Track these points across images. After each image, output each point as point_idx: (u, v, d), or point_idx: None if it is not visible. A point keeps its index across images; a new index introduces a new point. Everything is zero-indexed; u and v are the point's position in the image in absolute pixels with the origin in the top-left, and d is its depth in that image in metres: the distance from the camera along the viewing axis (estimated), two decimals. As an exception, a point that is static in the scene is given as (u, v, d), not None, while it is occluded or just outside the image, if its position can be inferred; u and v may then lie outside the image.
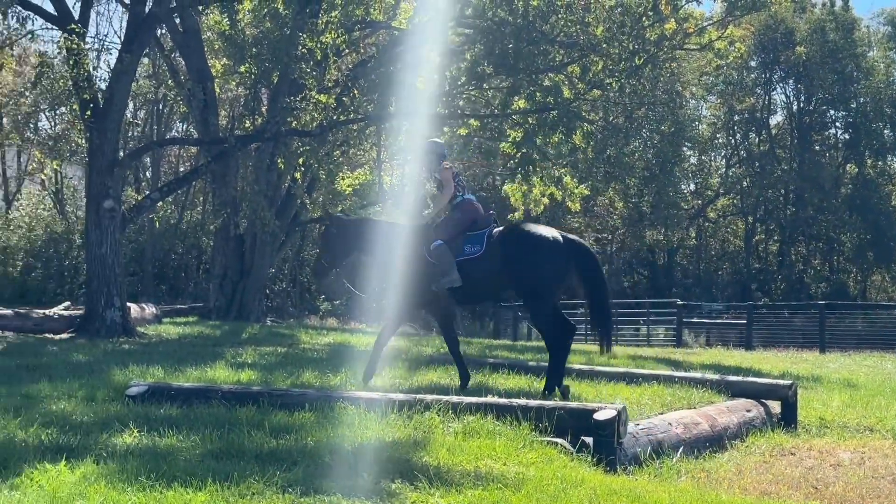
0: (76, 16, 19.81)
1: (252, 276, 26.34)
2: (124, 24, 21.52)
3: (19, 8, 18.60)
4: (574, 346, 13.47)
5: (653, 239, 55.16)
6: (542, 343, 13.02)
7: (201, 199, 42.69)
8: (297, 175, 23.22)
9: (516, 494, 6.40)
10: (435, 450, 7.46)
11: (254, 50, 19.71)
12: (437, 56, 20.82)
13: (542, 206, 26.09)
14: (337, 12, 20.49)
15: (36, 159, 37.69)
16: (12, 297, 34.43)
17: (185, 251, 42.32)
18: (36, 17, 19.88)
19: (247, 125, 22.16)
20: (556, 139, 20.13)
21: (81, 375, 11.39)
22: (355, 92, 19.44)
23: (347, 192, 24.50)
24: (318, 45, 19.34)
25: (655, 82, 23.39)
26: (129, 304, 22.31)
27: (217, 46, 25.75)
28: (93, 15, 27.14)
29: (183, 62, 27.30)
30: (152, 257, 39.43)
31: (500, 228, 11.39)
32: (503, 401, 8.90)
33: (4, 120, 39.89)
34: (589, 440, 8.17)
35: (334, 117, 19.64)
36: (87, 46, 18.90)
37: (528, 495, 6.39)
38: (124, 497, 5.74)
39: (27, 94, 36.33)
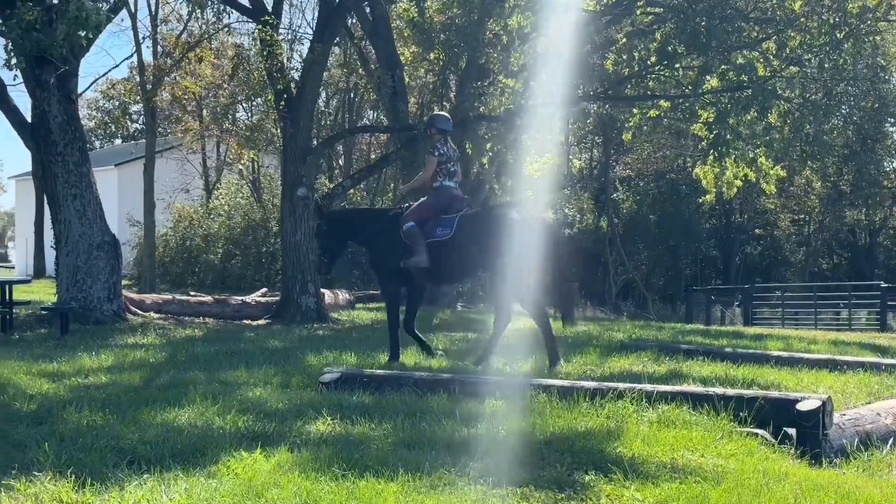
0: (269, 8, 20.23)
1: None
2: (316, 15, 21.78)
3: (216, 2, 19.06)
4: (770, 331, 13.07)
5: (853, 219, 53.13)
6: (738, 328, 12.78)
7: (391, 185, 43.17)
8: (485, 160, 23.15)
9: (716, 489, 6.13)
10: (629, 440, 7.24)
11: (441, 36, 19.73)
12: (625, 37, 20.44)
13: (734, 189, 25.43)
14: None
15: (234, 150, 38.78)
16: (214, 284, 35.65)
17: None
18: (232, 10, 20.37)
19: (435, 111, 22.19)
20: (750, 119, 19.49)
21: (277, 362, 11.58)
22: (543, 76, 19.21)
23: (536, 177, 24.26)
24: (505, 29, 19.21)
25: (857, 57, 22.30)
26: (323, 290, 22.72)
27: (406, 34, 25.91)
28: (286, 6, 27.61)
29: (372, 50, 27.55)
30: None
31: (472, 211, 11.91)
32: (699, 389, 8.62)
33: (204, 112, 41.18)
34: (792, 432, 7.82)
35: (522, 101, 19.51)
36: (280, 37, 19.21)
37: (729, 490, 6.10)
38: (317, 487, 5.73)
39: (225, 86, 37.36)
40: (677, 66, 20.03)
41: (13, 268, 64.46)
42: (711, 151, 21.41)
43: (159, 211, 36.44)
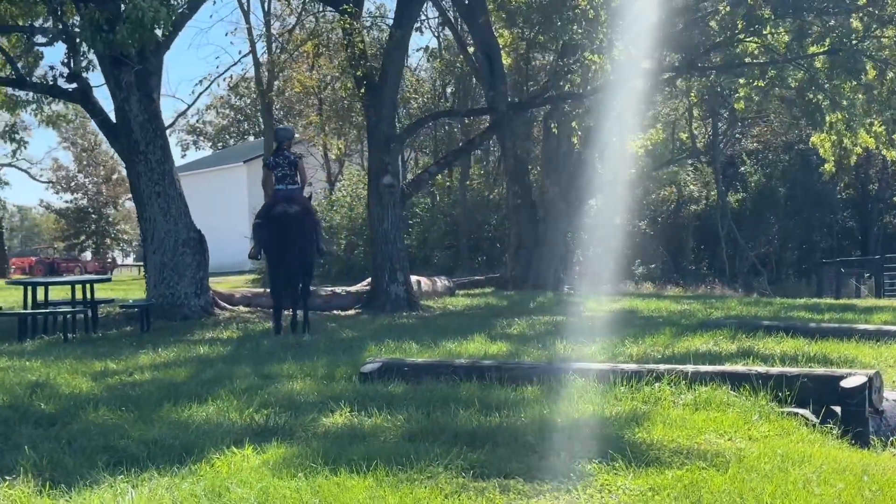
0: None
1: (546, 244, 26.12)
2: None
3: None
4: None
5: None
6: (860, 302, 12.47)
7: (481, 170, 42.95)
8: (574, 139, 22.68)
9: (722, 475, 5.77)
10: (652, 425, 6.93)
11: (524, 14, 19.34)
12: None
13: (853, 158, 24.53)
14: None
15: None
16: (338, 275, 35.86)
17: (498, 222, 42.67)
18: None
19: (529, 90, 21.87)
20: (845, 83, 18.60)
21: (335, 353, 11.46)
22: (629, 50, 18.63)
23: (639, 154, 23.68)
24: (591, 4, 18.74)
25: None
26: (420, 277, 22.62)
27: (494, 15, 25.51)
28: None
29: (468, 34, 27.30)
30: (466, 230, 39.84)
31: None
32: (741, 368, 8.26)
33: (324, 105, 41.56)
34: (838, 410, 7.38)
35: (609, 77, 18.98)
36: (359, 25, 19.10)
37: (734, 476, 5.74)
38: (283, 483, 5.56)
39: (342, 78, 37.57)
40: (766, 32, 19.22)
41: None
42: (816, 117, 20.57)
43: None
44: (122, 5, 14.15)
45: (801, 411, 7.38)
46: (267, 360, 10.93)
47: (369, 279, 26.55)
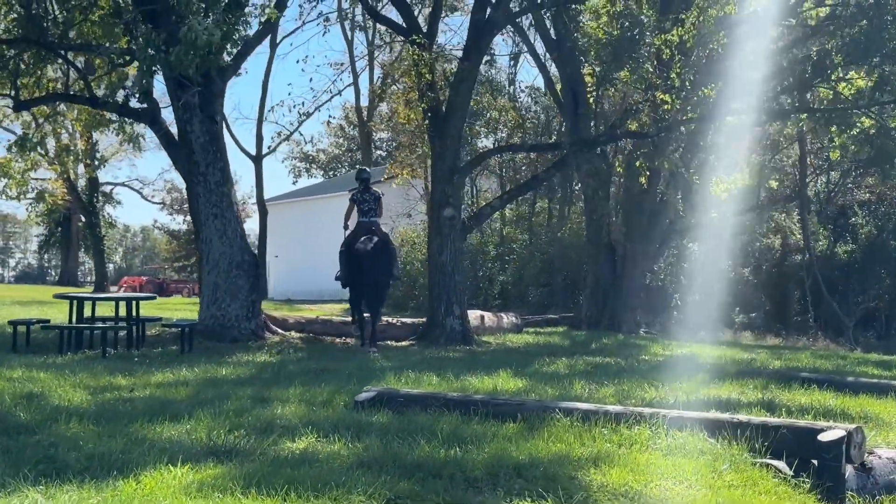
0: (424, 28, 20.27)
1: (623, 285, 25.81)
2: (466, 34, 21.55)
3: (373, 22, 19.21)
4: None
5: None
6: None
7: (547, 205, 42.69)
8: (643, 179, 22.34)
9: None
10: (611, 468, 6.77)
11: (594, 51, 19.22)
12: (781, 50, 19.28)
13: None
14: (694, 13, 19.35)
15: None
16: (417, 308, 35.89)
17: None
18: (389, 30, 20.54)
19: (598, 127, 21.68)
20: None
21: (347, 381, 11.44)
22: (705, 90, 18.30)
23: (722, 198, 23.22)
24: (666, 44, 18.54)
25: None
26: (485, 312, 22.52)
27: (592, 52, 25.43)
28: (441, 25, 27.62)
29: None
30: (561, 268, 39.60)
31: None
32: (723, 416, 8.04)
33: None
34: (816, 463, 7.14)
35: (679, 117, 18.64)
36: (430, 57, 19.18)
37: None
38: (191, 502, 5.57)
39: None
40: (833, 77, 18.75)
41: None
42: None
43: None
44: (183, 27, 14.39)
45: (775, 462, 7.13)
46: (276, 384, 10.99)
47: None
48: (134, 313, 16.04)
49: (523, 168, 39.58)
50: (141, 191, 75.57)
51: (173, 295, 62.66)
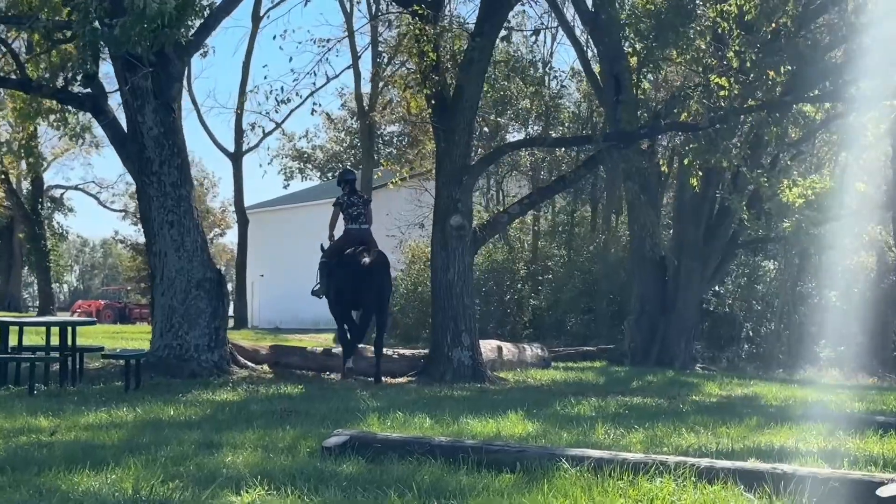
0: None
1: (676, 311, 25.73)
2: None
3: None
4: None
5: None
6: None
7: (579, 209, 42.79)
8: (694, 182, 22.26)
9: None
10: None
11: (632, 25, 19.13)
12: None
13: None
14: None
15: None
16: (429, 340, 35.83)
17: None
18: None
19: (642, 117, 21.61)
20: None
21: (324, 423, 11.49)
22: (771, 73, 18.18)
23: (797, 205, 23.08)
24: (722, 16, 18.48)
25: None
26: (504, 343, 22.46)
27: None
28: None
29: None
30: (607, 290, 39.45)
31: None
32: (763, 466, 8.08)
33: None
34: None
35: (735, 105, 18.50)
36: (434, 31, 19.11)
37: None
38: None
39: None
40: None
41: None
42: None
43: (389, 250, 37.00)
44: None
45: (824, 522, 7.16)
46: (232, 427, 11.04)
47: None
48: (69, 341, 16.05)
49: (563, 166, 39.52)
50: (98, 195, 75.35)
51: (137, 322, 62.49)
